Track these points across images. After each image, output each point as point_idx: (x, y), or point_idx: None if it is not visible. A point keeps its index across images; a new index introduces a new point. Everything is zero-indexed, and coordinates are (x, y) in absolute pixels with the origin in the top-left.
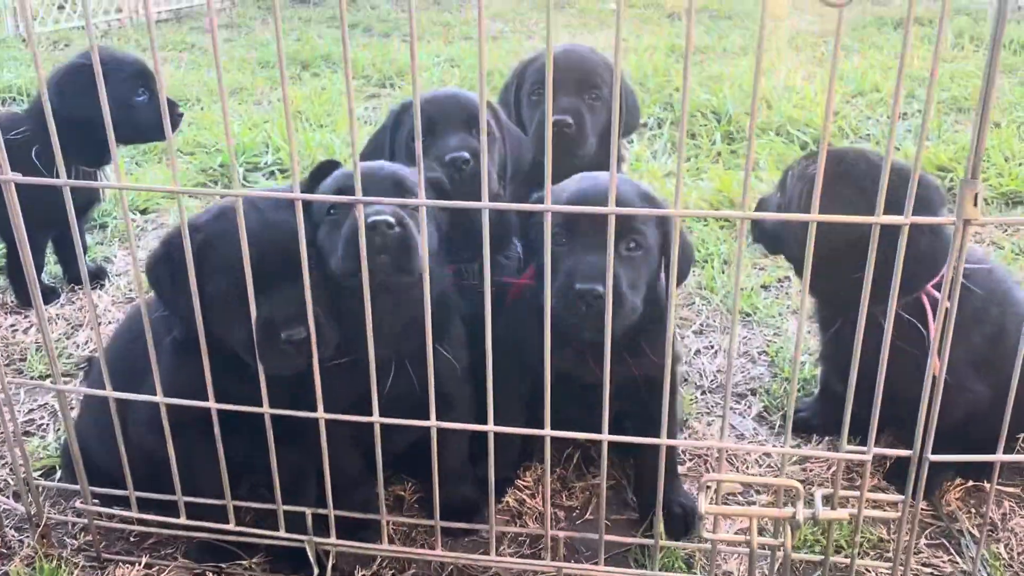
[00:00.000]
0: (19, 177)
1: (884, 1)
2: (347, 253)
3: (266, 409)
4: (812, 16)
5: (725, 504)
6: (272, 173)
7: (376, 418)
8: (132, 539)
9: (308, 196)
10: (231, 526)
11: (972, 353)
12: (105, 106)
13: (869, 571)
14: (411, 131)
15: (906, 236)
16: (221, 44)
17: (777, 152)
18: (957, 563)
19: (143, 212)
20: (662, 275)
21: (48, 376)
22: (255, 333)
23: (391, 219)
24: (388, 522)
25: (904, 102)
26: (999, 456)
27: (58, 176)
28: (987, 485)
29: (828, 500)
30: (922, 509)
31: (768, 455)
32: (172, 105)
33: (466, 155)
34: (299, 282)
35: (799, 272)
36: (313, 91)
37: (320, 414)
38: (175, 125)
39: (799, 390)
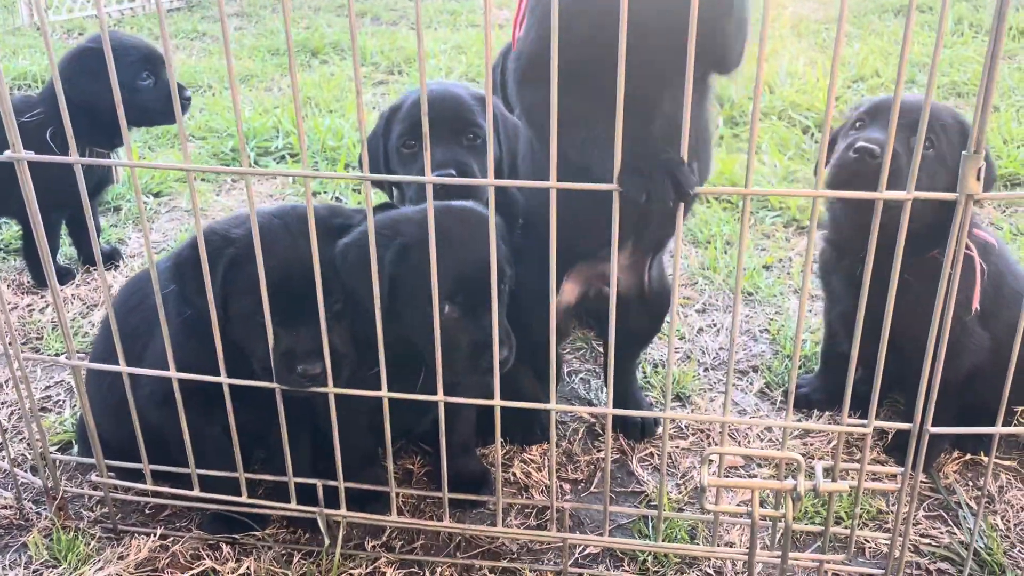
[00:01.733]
0: (31, 155)
1: None
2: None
3: (276, 384)
4: (815, 3)
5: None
6: (283, 157)
7: (384, 392)
8: (147, 511)
9: (319, 173)
10: (243, 498)
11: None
12: (116, 88)
13: (869, 542)
14: (400, 136)
15: (908, 211)
16: (232, 32)
17: (779, 136)
18: (955, 534)
19: (156, 195)
20: None
21: (63, 354)
22: (273, 361)
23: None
24: (397, 494)
25: (905, 87)
26: (998, 428)
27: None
28: (985, 458)
29: (829, 472)
30: (921, 481)
31: (769, 430)
32: (180, 89)
33: (452, 172)
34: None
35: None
36: (322, 77)
37: (331, 389)
38: (184, 109)
39: (800, 367)
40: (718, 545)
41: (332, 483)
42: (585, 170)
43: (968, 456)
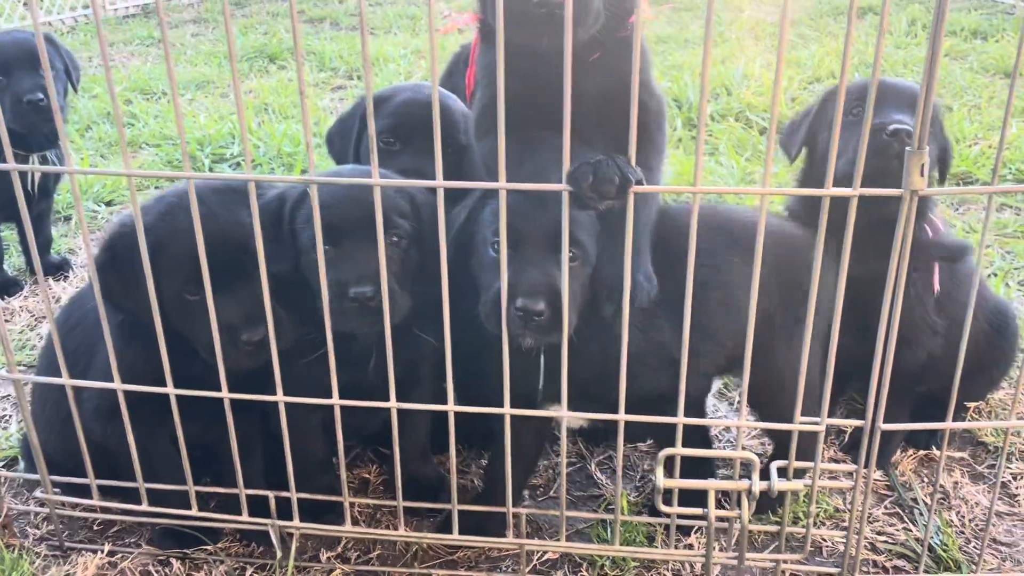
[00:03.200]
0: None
1: None
2: (337, 319)
3: (225, 394)
4: (772, 6)
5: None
6: (238, 164)
7: (336, 400)
8: (95, 528)
9: (262, 177)
10: (193, 512)
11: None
12: (52, 89)
13: (826, 540)
14: (381, 132)
15: (855, 208)
16: (188, 39)
17: (736, 137)
18: (911, 531)
19: (108, 204)
20: None
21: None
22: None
23: (370, 292)
24: (352, 504)
25: None
26: (948, 424)
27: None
28: (938, 454)
29: (784, 472)
30: (877, 479)
31: (728, 430)
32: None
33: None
34: (254, 279)
35: None
36: (280, 83)
37: (280, 397)
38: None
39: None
40: (676, 548)
41: (284, 494)
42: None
43: (923, 452)
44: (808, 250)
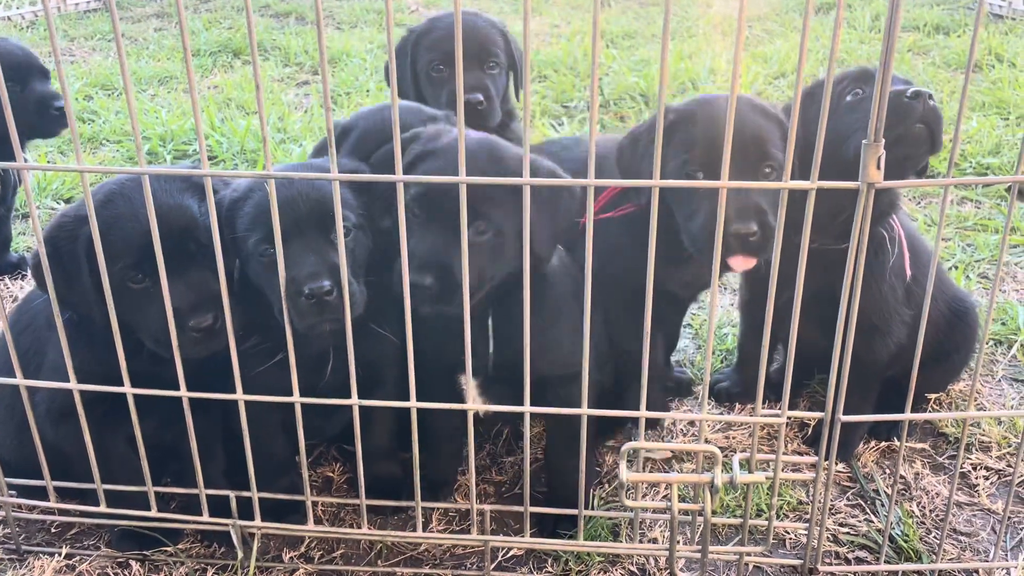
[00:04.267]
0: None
1: None
2: (299, 319)
3: (183, 393)
4: (739, 2)
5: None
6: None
7: (296, 398)
8: (53, 530)
9: (217, 172)
10: (152, 512)
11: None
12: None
13: (789, 532)
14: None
15: (813, 200)
16: (151, 33)
17: None
18: (873, 522)
19: (67, 201)
20: None
21: None
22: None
23: (328, 286)
24: (315, 503)
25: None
26: (907, 415)
27: None
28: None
29: (746, 464)
30: (840, 471)
31: (693, 424)
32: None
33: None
34: (201, 266)
35: None
36: (244, 78)
37: (239, 396)
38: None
39: (723, 361)
40: (640, 542)
41: (245, 494)
42: None
43: (885, 444)
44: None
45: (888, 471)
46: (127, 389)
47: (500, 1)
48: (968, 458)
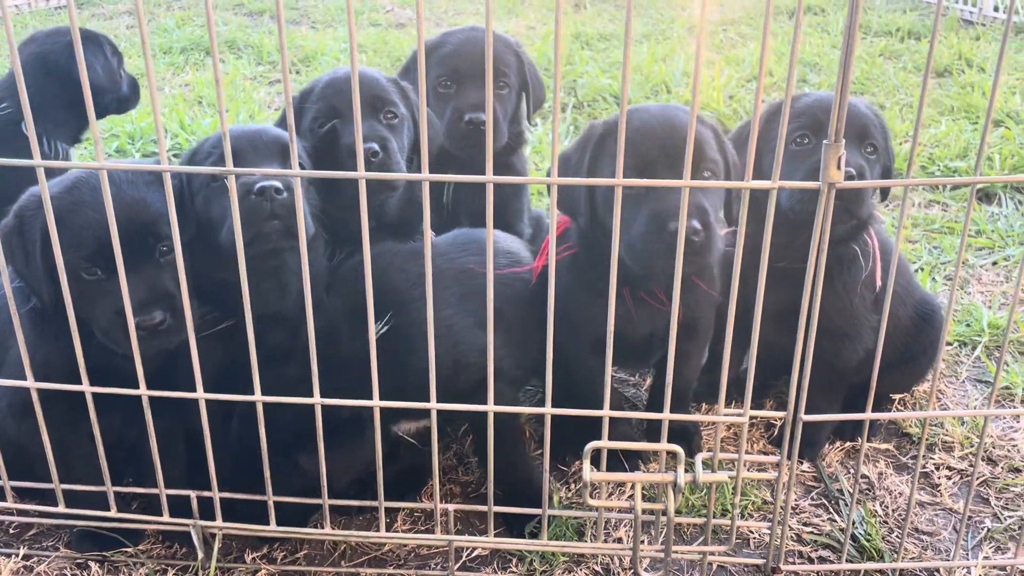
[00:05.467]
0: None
1: None
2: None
3: (143, 391)
4: (713, 5)
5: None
6: (170, 159)
7: (258, 397)
8: (11, 531)
9: (177, 168)
10: (112, 513)
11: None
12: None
13: (752, 532)
14: (314, 118)
15: (774, 199)
16: (123, 31)
17: None
18: (836, 521)
19: None
20: None
21: None
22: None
23: (279, 184)
24: (277, 503)
25: (796, 86)
26: (868, 414)
27: None
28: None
29: (709, 464)
30: (804, 470)
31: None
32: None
33: (375, 147)
34: (155, 261)
35: None
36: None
37: (200, 395)
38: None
39: None
40: (606, 541)
41: (206, 493)
42: None
43: (850, 444)
44: None
45: (852, 470)
46: (86, 388)
47: (477, 3)
48: (931, 458)
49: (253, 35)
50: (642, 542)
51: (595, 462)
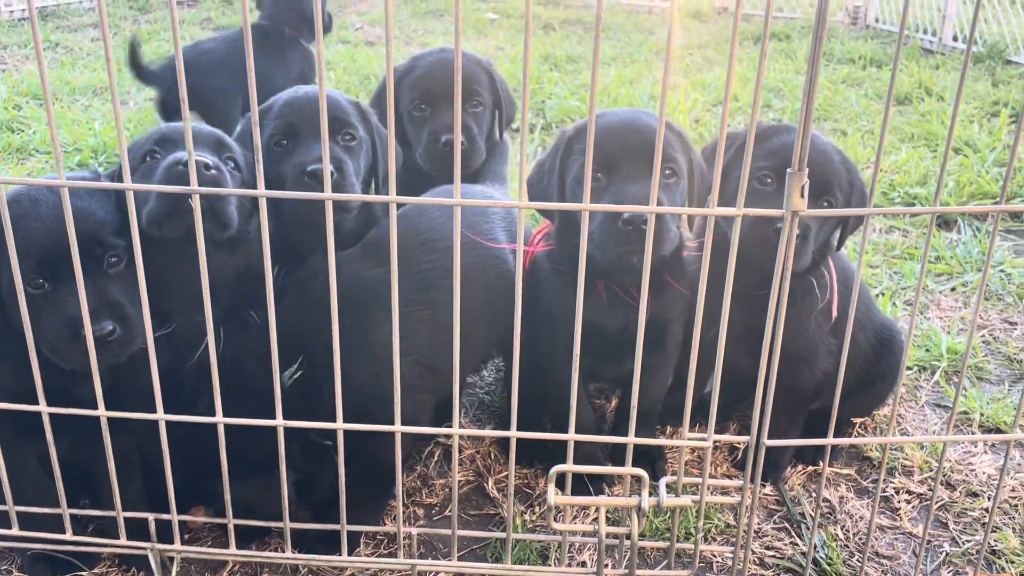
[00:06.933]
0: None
1: (747, 17)
2: (160, 196)
3: (102, 412)
4: (682, 29)
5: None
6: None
7: (219, 419)
8: None
9: (139, 187)
10: (68, 535)
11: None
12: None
13: (716, 556)
14: (271, 135)
15: (739, 226)
16: (89, 43)
17: None
18: (798, 545)
19: None
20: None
21: None
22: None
23: (208, 160)
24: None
25: (761, 112)
26: (829, 439)
27: None
28: (827, 470)
29: (672, 488)
30: (767, 494)
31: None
32: None
33: (318, 167)
34: (102, 271)
35: None
36: None
37: (160, 416)
38: None
39: None
40: (570, 565)
41: (164, 516)
42: None
43: (812, 468)
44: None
45: (814, 494)
46: (43, 408)
47: (445, 22)
48: (891, 482)
49: None
50: (606, 566)
51: (561, 485)
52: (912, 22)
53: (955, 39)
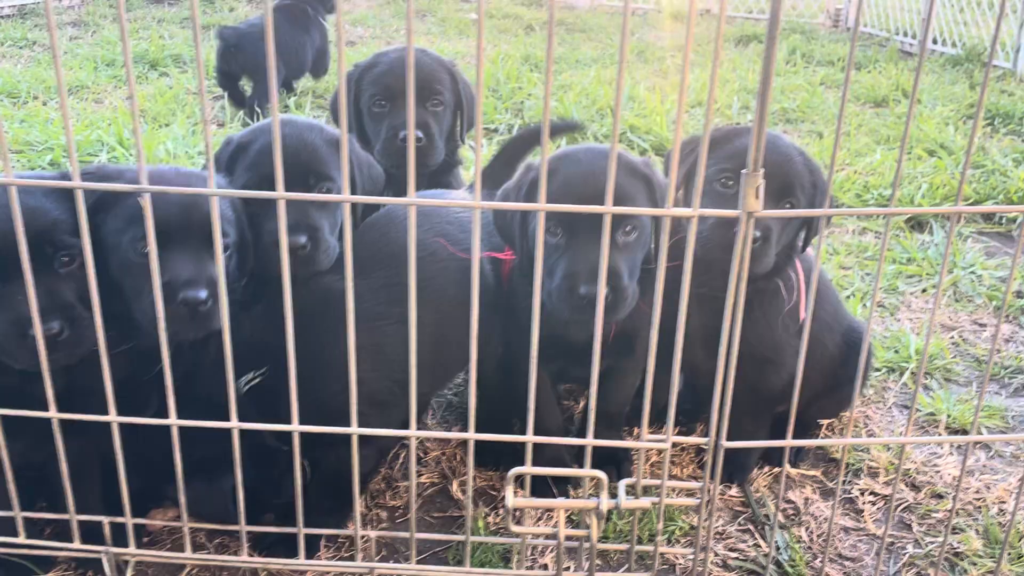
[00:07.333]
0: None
1: (727, 20)
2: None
3: (54, 414)
4: (660, 31)
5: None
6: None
7: (173, 421)
8: None
9: (89, 184)
10: (20, 539)
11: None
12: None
13: (679, 558)
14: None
15: (695, 227)
16: (66, 42)
17: None
18: (761, 547)
19: None
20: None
21: None
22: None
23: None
24: (193, 529)
25: (740, 113)
26: (788, 441)
27: None
28: (792, 470)
29: (632, 489)
30: (733, 496)
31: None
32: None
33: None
34: (52, 271)
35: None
36: (158, 90)
37: (113, 418)
38: None
39: None
40: (531, 568)
41: (119, 519)
42: None
43: (778, 469)
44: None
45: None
46: None
47: (428, 23)
48: (856, 484)
49: (200, 49)
50: (567, 568)
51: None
52: (892, 25)
53: (935, 41)
